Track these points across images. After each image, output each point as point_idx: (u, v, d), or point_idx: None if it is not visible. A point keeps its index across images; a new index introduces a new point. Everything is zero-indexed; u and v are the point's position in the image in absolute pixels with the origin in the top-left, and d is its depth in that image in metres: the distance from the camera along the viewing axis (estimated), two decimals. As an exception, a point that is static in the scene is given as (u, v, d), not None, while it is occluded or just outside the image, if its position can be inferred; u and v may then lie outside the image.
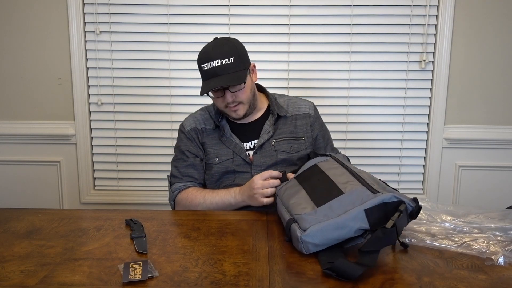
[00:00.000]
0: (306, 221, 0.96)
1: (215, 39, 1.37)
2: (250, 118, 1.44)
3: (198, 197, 1.35)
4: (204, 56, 1.33)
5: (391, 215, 0.88)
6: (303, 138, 1.44)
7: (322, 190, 1.04)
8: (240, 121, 1.43)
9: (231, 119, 1.43)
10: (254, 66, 1.42)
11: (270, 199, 1.24)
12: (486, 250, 0.93)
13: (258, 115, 1.46)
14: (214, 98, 1.37)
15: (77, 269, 0.88)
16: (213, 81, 1.30)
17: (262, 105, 1.48)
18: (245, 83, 1.33)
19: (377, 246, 0.87)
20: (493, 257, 0.91)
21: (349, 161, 1.33)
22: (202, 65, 1.33)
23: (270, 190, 1.23)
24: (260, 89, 1.51)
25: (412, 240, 0.99)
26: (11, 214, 1.22)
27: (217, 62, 1.29)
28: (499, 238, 0.98)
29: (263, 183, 1.23)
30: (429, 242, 0.98)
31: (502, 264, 0.89)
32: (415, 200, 0.91)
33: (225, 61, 1.29)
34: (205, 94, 1.33)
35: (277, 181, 1.23)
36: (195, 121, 1.46)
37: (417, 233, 1.02)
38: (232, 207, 1.32)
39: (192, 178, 1.43)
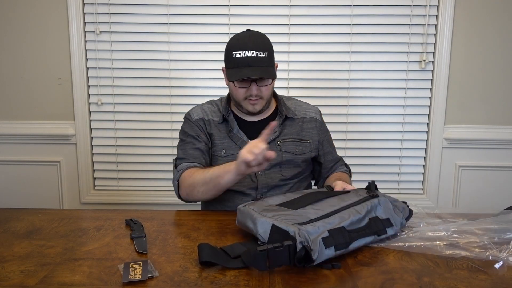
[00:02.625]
0: (255, 204, 1.08)
1: (248, 30, 1.36)
2: (258, 117, 1.44)
3: (199, 171, 1.31)
4: (239, 43, 1.31)
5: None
6: (309, 141, 1.45)
7: (297, 201, 1.07)
8: (249, 118, 1.43)
9: (244, 112, 1.41)
10: (277, 66, 1.43)
11: (259, 165, 1.13)
12: (485, 253, 0.93)
13: (266, 114, 1.46)
14: (238, 87, 1.35)
15: (77, 269, 0.88)
16: (245, 70, 1.28)
17: (271, 105, 1.48)
18: (273, 80, 1.34)
19: (246, 261, 0.87)
20: (493, 262, 0.90)
21: (407, 218, 1.10)
22: (234, 52, 1.30)
23: (256, 150, 1.11)
24: None
25: (406, 245, 0.99)
26: (11, 214, 1.22)
27: (252, 53, 1.28)
28: (496, 239, 0.98)
29: (249, 147, 1.13)
30: (425, 245, 0.98)
31: (500, 266, 0.88)
32: (306, 250, 0.86)
33: (260, 54, 1.29)
34: (231, 82, 1.33)
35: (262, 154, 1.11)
36: (203, 112, 1.45)
37: (411, 237, 1.02)
38: (230, 175, 1.21)
39: (199, 160, 1.38)
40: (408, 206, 1.11)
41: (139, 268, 0.86)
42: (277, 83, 2.12)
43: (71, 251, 0.98)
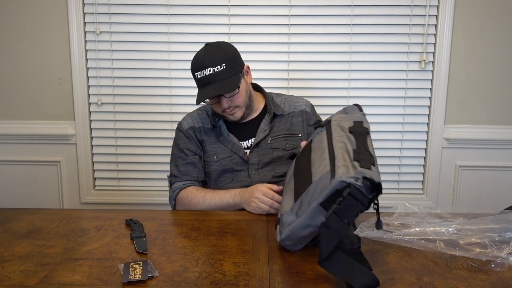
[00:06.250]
0: (283, 223, 0.97)
1: (206, 45, 1.37)
2: (246, 118, 1.45)
3: (197, 196, 1.36)
4: (197, 64, 1.33)
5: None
6: (300, 135, 1.45)
7: (302, 178, 0.99)
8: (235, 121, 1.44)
9: (231, 121, 1.44)
10: (248, 67, 1.43)
11: (261, 211, 1.25)
12: (485, 252, 0.93)
13: (255, 114, 1.47)
14: (212, 104, 1.39)
15: (77, 269, 0.89)
16: (207, 89, 1.31)
17: (259, 104, 1.49)
18: (239, 88, 1.33)
19: (330, 244, 0.79)
20: (493, 261, 0.90)
21: (360, 110, 1.11)
22: (195, 74, 1.34)
23: (265, 207, 1.24)
24: (257, 88, 1.53)
25: (406, 239, 0.99)
26: (11, 214, 1.22)
27: (209, 70, 1.30)
28: (496, 239, 0.98)
29: (264, 198, 1.24)
30: (425, 244, 0.98)
31: (500, 268, 0.88)
32: (367, 179, 0.81)
33: (217, 68, 1.30)
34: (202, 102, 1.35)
35: (277, 204, 1.21)
36: (193, 120, 1.48)
37: (412, 237, 1.02)
38: (230, 208, 1.33)
39: (192, 177, 1.44)
40: (347, 106, 1.12)
41: (139, 268, 0.86)
42: (277, 83, 2.13)
43: (71, 251, 0.98)
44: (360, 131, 0.97)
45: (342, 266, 0.80)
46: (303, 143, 1.19)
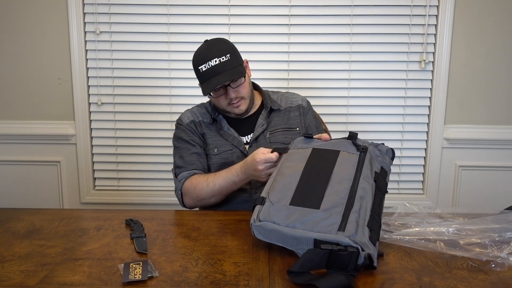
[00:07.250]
0: (266, 213, 0.95)
1: (206, 41, 1.38)
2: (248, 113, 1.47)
3: (201, 181, 1.34)
4: (200, 57, 1.34)
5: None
6: (297, 129, 1.47)
7: (309, 192, 0.96)
8: (238, 116, 1.45)
9: (233, 116, 1.44)
10: (247, 62, 1.45)
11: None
12: (485, 252, 0.93)
13: (252, 110, 1.49)
14: (216, 97, 1.38)
15: (77, 269, 0.88)
16: (214, 80, 1.31)
17: (257, 101, 1.51)
18: (244, 77, 1.36)
19: (307, 266, 0.82)
20: (493, 261, 0.90)
21: (392, 158, 1.08)
22: (199, 67, 1.34)
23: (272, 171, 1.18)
24: (254, 86, 1.54)
25: (407, 239, 0.99)
26: (11, 214, 1.22)
27: (215, 61, 1.31)
28: (496, 239, 0.98)
29: (266, 165, 1.20)
30: (425, 244, 0.98)
31: (500, 268, 0.88)
32: (370, 258, 0.84)
33: (223, 59, 1.32)
34: (208, 95, 1.35)
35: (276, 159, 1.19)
36: (193, 115, 1.49)
37: (412, 237, 1.02)
38: (236, 186, 1.32)
39: (198, 166, 1.42)
40: (382, 144, 1.08)
41: (139, 268, 0.86)
42: (277, 83, 2.13)
43: (71, 251, 0.98)
44: (381, 187, 0.98)
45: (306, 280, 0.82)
46: (326, 136, 1.14)
